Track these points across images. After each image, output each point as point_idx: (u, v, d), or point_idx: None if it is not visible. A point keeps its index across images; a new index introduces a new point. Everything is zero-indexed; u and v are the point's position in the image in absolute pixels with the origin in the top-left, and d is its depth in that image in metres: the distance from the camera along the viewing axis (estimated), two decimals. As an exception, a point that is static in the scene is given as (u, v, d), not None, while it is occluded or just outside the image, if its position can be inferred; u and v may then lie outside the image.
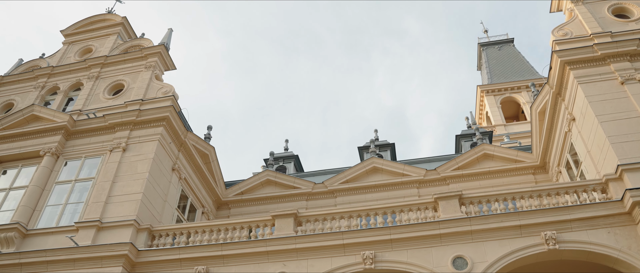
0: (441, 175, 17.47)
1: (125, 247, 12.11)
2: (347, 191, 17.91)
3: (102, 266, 12.13)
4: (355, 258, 11.27)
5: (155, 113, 15.29)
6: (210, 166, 17.79)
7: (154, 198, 14.05)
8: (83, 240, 12.73)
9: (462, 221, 11.25)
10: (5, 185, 15.45)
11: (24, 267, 12.75)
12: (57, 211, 14.06)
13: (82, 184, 14.58)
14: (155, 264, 12.25)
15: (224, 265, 11.85)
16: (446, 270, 10.78)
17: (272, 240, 11.75)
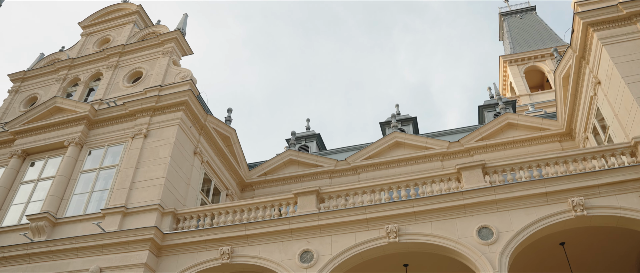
0: (465, 147, 17.22)
1: (151, 231, 12.25)
2: (370, 167, 17.80)
3: (129, 250, 12.31)
4: (379, 233, 11.20)
5: (174, 98, 15.36)
6: (232, 149, 17.86)
7: (177, 182, 14.17)
8: (110, 226, 12.93)
9: (486, 190, 11.06)
10: (33, 177, 15.77)
11: (55, 254, 13.03)
12: (83, 200, 14.30)
13: (106, 172, 14.77)
14: (181, 246, 12.38)
15: (249, 245, 11.91)
16: (472, 241, 10.64)
17: (295, 217, 11.74)
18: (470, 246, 10.57)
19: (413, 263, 12.32)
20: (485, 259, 10.25)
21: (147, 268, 12.02)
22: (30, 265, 13.18)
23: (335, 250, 11.22)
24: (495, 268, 10.07)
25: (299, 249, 11.49)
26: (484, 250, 10.45)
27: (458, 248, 10.68)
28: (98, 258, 12.48)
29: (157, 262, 12.41)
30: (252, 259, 11.70)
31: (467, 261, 10.61)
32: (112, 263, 12.26)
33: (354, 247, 11.18)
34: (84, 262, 12.56)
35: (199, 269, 11.95)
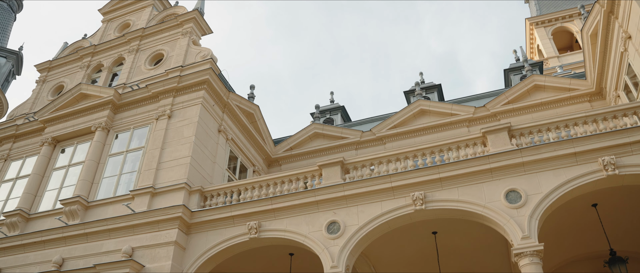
0: (491, 111, 16.91)
1: (179, 210, 12.42)
2: (395, 137, 17.65)
3: (159, 229, 12.51)
4: (405, 200, 11.11)
5: (195, 77, 15.42)
6: (257, 125, 17.91)
7: (202, 160, 14.30)
8: (139, 206, 13.15)
9: (513, 153, 10.83)
10: (64, 163, 16.11)
11: (89, 236, 13.35)
12: (113, 182, 14.57)
13: (133, 154, 14.99)
14: (209, 223, 12.52)
15: (275, 219, 11.98)
16: (499, 205, 10.46)
17: (320, 189, 11.73)
18: (498, 210, 10.40)
19: (441, 230, 12.24)
20: (514, 223, 10.07)
21: (177, 245, 12.22)
22: (67, 247, 13.54)
23: (362, 220, 11.19)
24: (524, 232, 9.89)
25: (326, 220, 11.49)
26: (512, 213, 10.24)
27: (486, 212, 10.51)
28: (130, 238, 12.74)
29: (186, 239, 12.60)
30: (280, 232, 11.77)
31: (496, 225, 10.46)
32: (143, 243, 12.49)
33: (380, 216, 11.12)
34: (117, 243, 12.83)
35: (228, 245, 12.09)
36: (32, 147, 17.33)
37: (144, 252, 12.38)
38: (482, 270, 13.62)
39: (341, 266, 10.73)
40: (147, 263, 12.12)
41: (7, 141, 18.13)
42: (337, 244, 11.04)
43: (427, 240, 12.56)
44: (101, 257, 12.77)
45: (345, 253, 10.89)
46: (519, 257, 9.78)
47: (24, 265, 13.89)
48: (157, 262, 12.02)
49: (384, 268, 13.46)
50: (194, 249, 12.37)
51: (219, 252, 12.14)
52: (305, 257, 12.62)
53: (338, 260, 10.82)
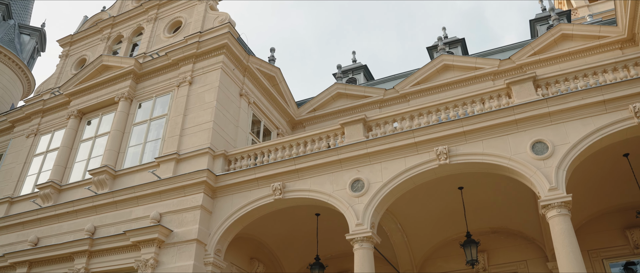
0: (516, 63, 16.45)
1: (203, 174, 12.52)
2: (419, 93, 17.38)
3: (185, 194, 12.66)
4: (429, 155, 10.95)
5: (214, 42, 15.34)
6: (279, 88, 17.84)
7: (225, 124, 14.33)
8: (165, 173, 13.30)
9: (539, 103, 10.50)
10: (91, 134, 16.36)
11: (118, 204, 13.61)
12: (138, 151, 14.75)
13: (156, 122, 15.11)
14: (234, 186, 12.60)
15: (299, 179, 11.98)
16: (526, 157, 10.21)
17: (343, 147, 11.65)
18: (524, 162, 10.16)
19: (467, 185, 12.09)
20: (541, 174, 9.81)
21: (204, 209, 12.36)
22: (98, 216, 13.85)
23: (386, 177, 11.10)
24: (551, 183, 9.65)
25: (350, 178, 11.44)
26: (539, 165, 9.97)
27: (511, 165, 10.28)
28: (157, 205, 12.94)
29: (212, 203, 12.73)
30: (304, 192, 11.77)
31: (522, 178, 10.25)
32: (170, 208, 12.68)
33: (404, 172, 11.01)
34: (145, 209, 13.06)
35: (253, 207, 12.17)
36: (59, 121, 17.63)
37: (171, 217, 12.57)
38: (510, 225, 13.48)
39: (366, 223, 10.71)
40: (175, 228, 12.32)
41: (36, 116, 18.47)
42: (362, 202, 11.00)
43: (453, 196, 12.43)
44: (130, 223, 13.03)
45: (369, 210, 10.86)
46: (546, 208, 9.57)
47: (59, 235, 14.29)
48: (185, 226, 12.21)
49: (411, 225, 13.43)
50: (220, 212, 12.50)
51: (245, 214, 12.24)
52: (332, 217, 12.62)
53: (363, 217, 10.80)
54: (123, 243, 12.64)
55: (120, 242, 12.70)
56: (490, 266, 13.58)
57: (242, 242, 13.62)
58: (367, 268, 10.35)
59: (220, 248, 12.23)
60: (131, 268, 12.50)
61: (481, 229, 13.61)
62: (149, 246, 12.19)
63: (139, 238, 12.27)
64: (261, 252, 14.50)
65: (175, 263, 11.84)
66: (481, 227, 13.58)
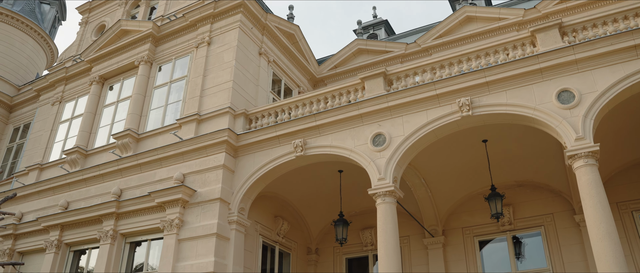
0: (542, 13, 15.88)
1: (224, 133, 12.53)
2: (441, 47, 16.97)
3: (207, 154, 12.72)
4: (451, 107, 10.72)
5: (231, 1, 15.11)
6: (298, 46, 17.65)
7: (245, 84, 14.26)
8: (186, 134, 13.37)
9: (564, 50, 10.11)
10: (113, 99, 16.48)
11: (142, 167, 13.77)
12: (160, 113, 14.83)
13: (177, 84, 15.11)
14: (255, 145, 12.60)
15: (320, 135, 11.90)
16: (551, 106, 9.90)
17: (363, 102, 11.48)
18: (549, 112, 9.85)
19: (492, 137, 11.86)
20: (567, 124, 9.50)
21: (226, 169, 12.42)
22: (123, 179, 14.05)
23: (408, 130, 10.94)
24: (578, 133, 9.34)
25: (371, 133, 11.31)
26: (565, 114, 9.65)
27: (536, 115, 9.98)
28: (180, 165, 13.04)
29: (234, 162, 12.78)
30: (325, 148, 11.71)
31: (548, 128, 9.97)
32: (193, 169, 12.77)
33: (426, 125, 10.83)
34: (168, 171, 13.18)
35: (275, 164, 12.17)
36: (82, 87, 17.79)
37: (194, 177, 12.67)
38: (535, 178, 13.26)
39: (388, 178, 10.63)
40: (198, 187, 12.42)
41: (59, 84, 18.67)
42: (384, 156, 10.89)
43: (477, 149, 12.23)
44: (155, 185, 13.19)
45: (392, 164, 10.76)
46: (573, 159, 9.28)
47: (88, 198, 14.58)
48: (208, 185, 12.30)
49: (434, 179, 13.31)
50: (242, 171, 12.55)
51: (267, 172, 12.26)
52: (355, 173, 12.58)
53: (385, 172, 10.71)
54: (148, 204, 12.83)
55: (146, 204, 12.89)
56: (516, 220, 13.44)
57: (266, 201, 13.71)
58: (390, 222, 10.32)
59: (243, 206, 12.33)
60: (157, 229, 12.71)
61: (506, 183, 13.42)
62: (174, 206, 12.34)
63: (164, 199, 12.42)
64: (285, 210, 14.60)
65: (200, 222, 11.99)
66: (506, 181, 13.39)
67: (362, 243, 15.02)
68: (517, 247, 13.41)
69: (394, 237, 10.19)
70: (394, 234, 10.22)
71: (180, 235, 12.12)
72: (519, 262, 13.29)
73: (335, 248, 15.37)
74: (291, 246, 14.84)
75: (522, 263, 13.28)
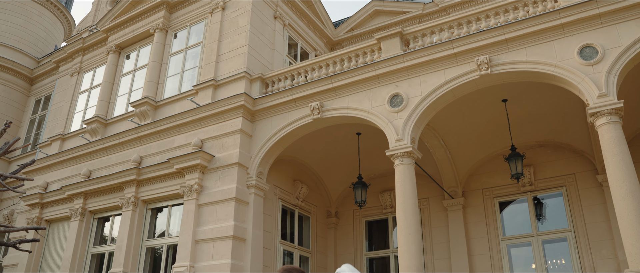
0: (565, -32, 15.35)
1: (241, 98, 12.50)
2: (460, 5, 16.50)
3: (224, 120, 12.73)
4: (470, 66, 10.50)
5: (244, -35, 14.93)
6: (314, 9, 17.42)
7: (260, 48, 14.15)
8: (203, 100, 13.37)
9: (587, 4, 9.72)
10: (130, 68, 16.52)
11: (161, 134, 13.85)
12: (177, 80, 14.83)
13: (192, 50, 15.06)
14: (272, 109, 12.56)
15: (337, 97, 11.80)
16: (573, 63, 9.60)
17: (380, 62, 11.31)
18: (571, 68, 9.56)
19: (512, 97, 11.66)
20: (590, 80, 9.20)
21: (243, 133, 12.43)
22: (142, 146, 14.18)
23: (425, 91, 10.78)
24: (601, 90, 9.05)
25: (388, 94, 11.17)
26: (587, 71, 9.34)
27: (557, 72, 9.71)
28: (198, 131, 13.09)
29: (252, 126, 12.77)
30: (342, 110, 11.61)
31: (569, 85, 9.71)
32: (211, 134, 12.81)
33: (444, 85, 10.65)
34: (187, 137, 13.25)
35: (292, 128, 12.14)
36: (99, 57, 17.85)
37: (212, 142, 12.72)
38: (557, 137, 13.04)
39: (406, 138, 10.53)
40: (216, 153, 12.48)
41: (77, 55, 18.76)
42: (401, 117, 10.78)
43: (497, 109, 12.04)
44: (174, 151, 13.28)
45: (409, 125, 10.64)
46: (595, 116, 9.04)
47: (109, 166, 14.77)
48: (226, 150, 12.35)
49: (453, 141, 13.17)
50: (260, 135, 12.55)
51: (285, 135, 12.24)
52: (373, 135, 12.48)
53: (402, 132, 10.61)
54: (168, 170, 12.94)
55: (165, 170, 13.01)
56: (537, 180, 13.28)
57: (285, 165, 13.74)
58: (408, 183, 10.27)
59: (262, 170, 12.37)
60: (177, 195, 12.85)
61: (527, 143, 13.23)
62: (193, 172, 12.44)
63: (183, 165, 12.51)
64: (304, 173, 14.63)
65: (219, 187, 12.07)
66: (527, 141, 13.20)
67: (381, 206, 15.03)
68: (538, 208, 13.30)
69: (412, 198, 10.15)
70: (412, 195, 10.18)
71: (199, 200, 12.24)
72: (540, 223, 13.20)
73: (355, 211, 15.42)
74: (311, 209, 14.93)
75: (543, 224, 13.18)
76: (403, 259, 9.75)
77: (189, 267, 11.56)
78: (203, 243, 11.77)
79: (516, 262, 13.22)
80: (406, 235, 9.85)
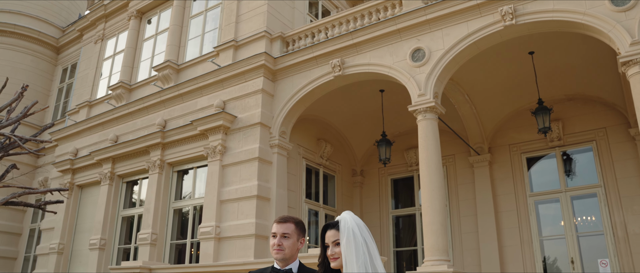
0: None
1: (261, 57, 12.39)
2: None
3: (246, 80, 12.67)
4: (493, 17, 10.11)
5: None
6: (335, -35, 17.09)
7: (280, 7, 13.92)
8: (224, 61, 13.30)
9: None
10: (152, 32, 16.53)
11: (184, 97, 13.90)
12: (198, 43, 14.79)
13: (212, 12, 14.94)
14: (293, 67, 12.42)
15: (358, 53, 11.59)
16: (603, 10, 8.95)
17: (401, 16, 11.00)
18: (601, 16, 9.06)
19: (538, 48, 11.29)
20: (621, 28, 8.74)
21: (265, 93, 12.36)
22: (166, 110, 14.27)
23: (448, 44, 10.48)
24: (634, 37, 8.59)
25: (410, 48, 10.91)
26: (619, 18, 8.86)
27: (586, 20, 9.24)
28: (220, 93, 13.08)
29: (273, 86, 12.69)
30: (363, 67, 11.41)
31: (600, 34, 9.26)
32: (233, 95, 12.78)
33: (467, 37, 10.32)
34: (209, 99, 13.26)
35: (314, 86, 12.01)
36: (121, 23, 17.89)
37: (234, 103, 12.70)
38: (587, 90, 12.63)
39: (429, 93, 10.32)
40: (239, 113, 12.47)
41: (100, 22, 18.84)
42: (423, 71, 10.55)
43: (523, 61, 11.69)
44: (197, 113, 13.32)
45: (432, 79, 10.41)
46: (627, 65, 8.62)
47: (134, 131, 14.95)
48: (248, 111, 12.33)
49: (479, 96, 12.90)
50: (282, 94, 12.48)
51: (306, 94, 12.13)
52: (396, 92, 12.26)
53: (425, 87, 10.39)
54: (191, 132, 13.02)
55: (189, 132, 13.09)
56: (566, 135, 12.96)
57: (308, 124, 13.67)
58: (431, 138, 10.11)
59: (284, 130, 12.33)
60: (202, 156, 12.94)
61: (555, 97, 12.86)
62: (216, 133, 12.48)
63: (206, 126, 12.56)
64: (328, 132, 14.56)
65: (242, 147, 12.10)
66: (555, 95, 12.82)
67: (407, 164, 14.93)
68: (567, 164, 13.02)
69: (435, 153, 10.01)
70: (435, 150, 10.03)
71: (223, 161, 12.31)
72: (569, 178, 12.94)
73: (381, 170, 15.35)
74: (335, 168, 14.91)
75: (572, 180, 12.92)
76: (427, 214, 9.68)
77: (215, 227, 11.71)
78: (228, 204, 11.88)
79: (544, 218, 13.05)
80: (430, 190, 9.75)
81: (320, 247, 3.37)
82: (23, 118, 7.77)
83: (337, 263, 3.21)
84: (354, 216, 3.25)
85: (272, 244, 3.61)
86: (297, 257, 3.70)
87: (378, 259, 3.15)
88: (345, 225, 3.20)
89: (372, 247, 3.17)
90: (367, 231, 3.22)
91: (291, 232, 3.62)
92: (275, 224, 3.66)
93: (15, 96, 8.10)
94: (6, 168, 8.50)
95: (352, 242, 3.13)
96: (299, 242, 3.68)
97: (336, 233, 3.25)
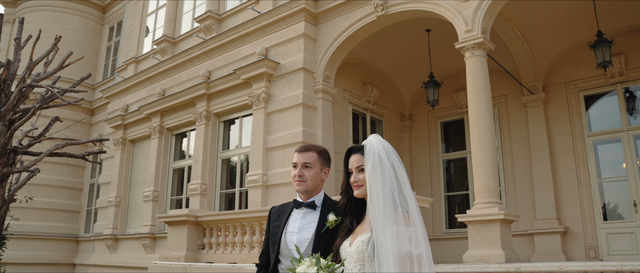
0: None
1: (301, 1, 11.91)
2: None
3: (287, 25, 12.35)
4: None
5: None
6: None
7: (319, -51, 13.43)
8: (265, 7, 12.99)
9: None
10: (193, -16, 16.38)
11: (226, 46, 13.79)
12: (238, -10, 14.56)
13: (251, -42, 14.60)
14: (334, 10, 11.94)
15: (401, -8, 11.08)
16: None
17: (445, -52, 10.37)
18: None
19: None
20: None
21: (307, 37, 12.04)
22: (210, 60, 14.23)
23: (497, -26, 9.82)
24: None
25: (450, -19, 10.32)
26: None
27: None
28: (261, 40, 12.85)
29: (315, 30, 12.34)
30: (407, 4, 10.82)
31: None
32: (274, 41, 12.53)
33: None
34: (251, 47, 13.07)
35: (357, 27, 11.56)
36: (163, -23, 17.82)
37: (276, 50, 12.48)
38: (652, 23, 11.71)
39: (477, 29, 9.76)
40: (281, 60, 12.25)
41: (142, -22, 18.84)
42: (470, 6, 9.93)
43: (580, -6, 10.89)
44: (240, 62, 13.18)
45: (479, 14, 9.81)
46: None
47: (180, 84, 15.04)
48: (290, 57, 12.08)
49: (531, 32, 12.17)
50: (324, 38, 12.12)
51: (349, 36, 11.70)
52: (444, 32, 11.71)
53: (472, 22, 9.82)
54: (235, 82, 12.94)
55: (233, 81, 13.01)
56: (628, 70, 12.10)
57: (353, 68, 13.31)
58: (480, 76, 9.60)
59: (328, 74, 12.04)
60: (246, 105, 12.87)
61: (616, 29, 11.94)
62: (259, 81, 12.34)
63: (249, 75, 12.43)
64: (374, 75, 14.18)
65: (286, 94, 11.93)
66: (616, 26, 11.92)
67: (456, 106, 14.44)
68: (630, 102, 12.24)
69: (485, 91, 9.53)
70: (485, 88, 9.55)
71: (268, 108, 12.20)
72: (632, 117, 12.18)
73: (430, 113, 14.92)
74: (383, 113, 14.59)
75: (635, 118, 12.16)
76: (476, 156, 9.30)
77: (262, 175, 11.71)
78: (274, 151, 11.83)
79: (604, 159, 12.39)
80: (479, 130, 9.34)
81: (344, 173, 3.03)
82: (59, 70, 7.82)
83: (361, 191, 2.89)
84: (381, 140, 2.91)
85: (293, 175, 3.28)
86: (321, 188, 3.37)
87: (408, 187, 2.81)
88: (370, 149, 2.86)
89: (400, 174, 2.82)
90: (396, 156, 2.87)
91: (313, 162, 3.28)
92: (296, 153, 3.32)
93: (50, 48, 8.15)
94: (49, 121, 8.66)
95: (378, 167, 2.79)
96: (323, 172, 3.34)
97: (361, 158, 2.91)
